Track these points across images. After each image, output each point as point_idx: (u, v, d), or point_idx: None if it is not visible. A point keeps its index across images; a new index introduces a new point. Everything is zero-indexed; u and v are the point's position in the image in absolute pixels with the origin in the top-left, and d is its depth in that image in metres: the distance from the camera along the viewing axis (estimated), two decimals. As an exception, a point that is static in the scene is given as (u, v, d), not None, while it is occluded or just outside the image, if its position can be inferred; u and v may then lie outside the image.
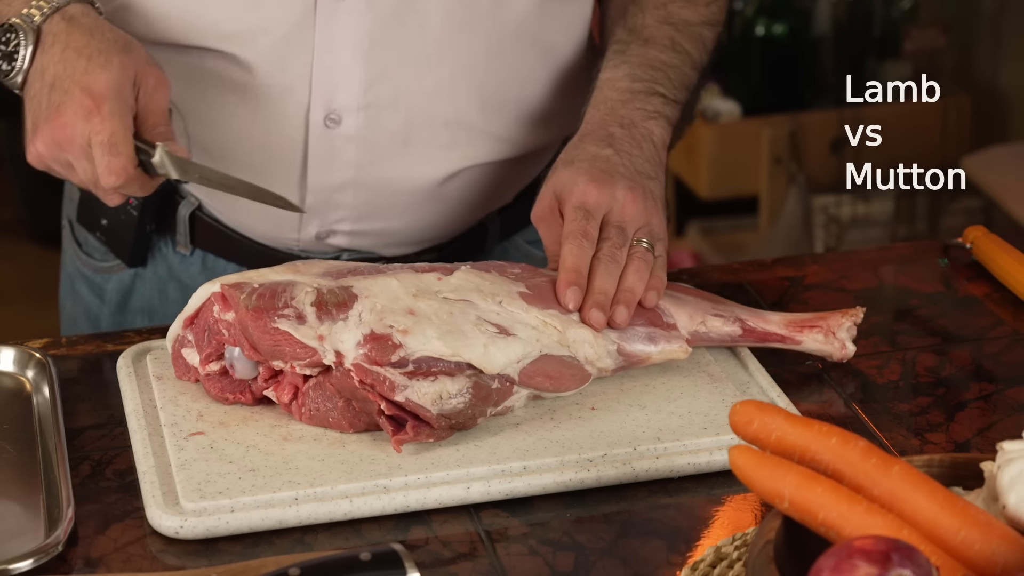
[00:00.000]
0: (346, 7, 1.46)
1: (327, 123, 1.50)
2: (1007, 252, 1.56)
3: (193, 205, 1.60)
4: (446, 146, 1.54)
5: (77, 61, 1.35)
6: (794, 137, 3.39)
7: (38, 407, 1.34)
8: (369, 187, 1.54)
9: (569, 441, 1.28)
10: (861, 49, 3.47)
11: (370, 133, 1.51)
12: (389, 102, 1.50)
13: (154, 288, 1.65)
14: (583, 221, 1.38)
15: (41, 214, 3.92)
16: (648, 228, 1.40)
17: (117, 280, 1.67)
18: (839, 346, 1.40)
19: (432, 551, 1.19)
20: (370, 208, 1.55)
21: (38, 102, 1.36)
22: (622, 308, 1.35)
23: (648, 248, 1.38)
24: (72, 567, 1.17)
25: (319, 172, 1.53)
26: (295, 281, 1.30)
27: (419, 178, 1.55)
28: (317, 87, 1.49)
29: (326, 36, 1.47)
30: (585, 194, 1.39)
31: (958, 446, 1.31)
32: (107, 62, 1.34)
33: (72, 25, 1.37)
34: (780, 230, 3.40)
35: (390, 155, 1.53)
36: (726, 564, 1.15)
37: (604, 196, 1.39)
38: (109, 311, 1.68)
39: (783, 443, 1.04)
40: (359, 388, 1.25)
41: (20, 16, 1.38)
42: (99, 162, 1.32)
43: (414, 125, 1.52)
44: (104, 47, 1.36)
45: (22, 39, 1.37)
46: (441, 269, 1.35)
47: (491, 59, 1.52)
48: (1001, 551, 0.99)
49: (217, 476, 1.23)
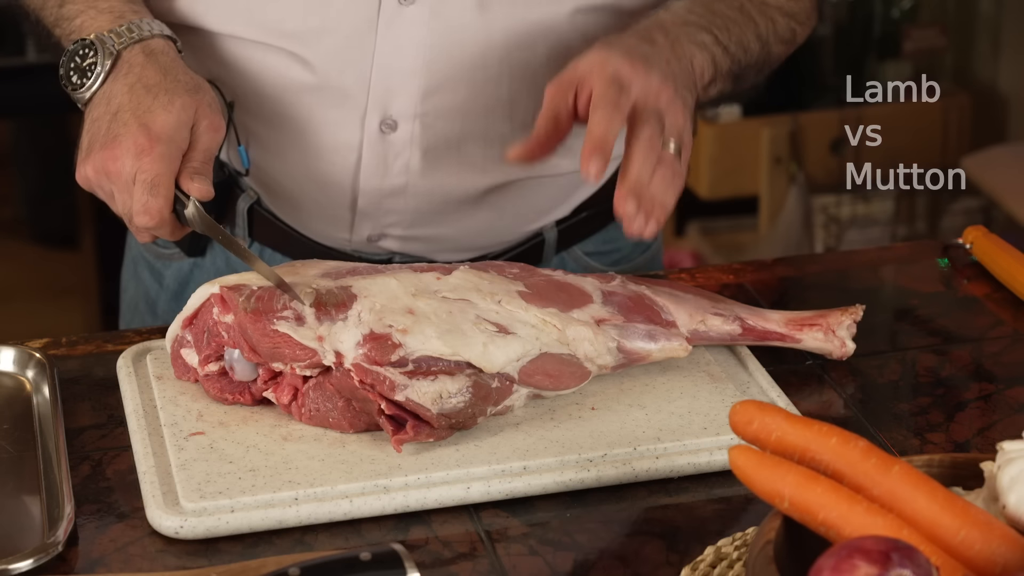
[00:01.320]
0: (410, 15, 1.47)
1: (382, 128, 1.51)
2: (1007, 252, 1.56)
3: (252, 199, 1.62)
4: (500, 158, 1.53)
5: (144, 97, 1.37)
6: (794, 137, 3.39)
7: (38, 407, 1.34)
8: (421, 194, 1.54)
9: (569, 441, 1.28)
10: (861, 49, 3.47)
11: (425, 141, 1.51)
12: (446, 112, 1.51)
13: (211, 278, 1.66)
14: (617, 93, 1.29)
15: (41, 214, 3.92)
16: (678, 128, 1.32)
17: (176, 268, 1.69)
18: (839, 344, 1.40)
19: (432, 551, 1.19)
20: (422, 214, 1.55)
21: (98, 127, 1.38)
22: (653, 222, 1.27)
23: (676, 154, 1.30)
24: (72, 567, 1.17)
25: (371, 176, 1.53)
26: (294, 282, 1.31)
27: (472, 187, 1.55)
28: (375, 92, 1.49)
29: (388, 42, 1.47)
30: (620, 68, 1.31)
31: (958, 446, 1.31)
32: (170, 103, 1.36)
33: (150, 60, 1.40)
34: (780, 230, 3.40)
35: (443, 164, 1.53)
36: (726, 564, 1.15)
37: (639, 76, 1.32)
38: (167, 297, 1.70)
39: (783, 443, 1.04)
40: (359, 388, 1.25)
41: (100, 36, 1.41)
42: (137, 200, 1.34)
43: (469, 136, 1.52)
44: (172, 87, 1.38)
45: (99, 59, 1.40)
46: (440, 268, 1.36)
47: (551, 73, 1.51)
48: (1001, 551, 0.99)
49: (217, 476, 1.23)
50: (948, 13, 3.56)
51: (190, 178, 1.36)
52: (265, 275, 1.31)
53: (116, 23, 1.42)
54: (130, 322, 1.75)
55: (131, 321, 1.75)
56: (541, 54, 1.50)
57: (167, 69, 1.40)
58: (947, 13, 3.56)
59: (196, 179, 1.35)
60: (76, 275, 3.63)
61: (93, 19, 1.43)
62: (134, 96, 1.38)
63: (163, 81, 1.38)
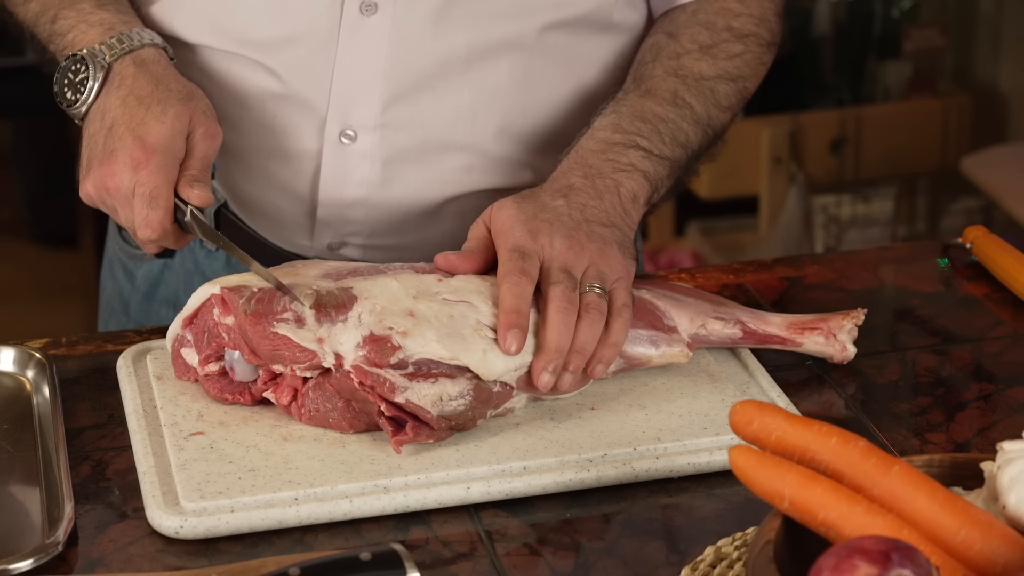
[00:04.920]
0: (371, 25, 1.47)
1: (342, 139, 1.51)
2: (1007, 252, 1.56)
3: (219, 202, 1.62)
4: (461, 169, 1.53)
5: (137, 109, 1.38)
6: (794, 137, 3.39)
7: (38, 407, 1.34)
8: (381, 205, 1.54)
9: (569, 441, 1.28)
10: (861, 49, 3.47)
11: (385, 152, 1.51)
12: (406, 123, 1.50)
13: (180, 280, 1.67)
14: (519, 261, 1.30)
15: (41, 214, 3.92)
16: (596, 268, 1.32)
17: (148, 268, 1.69)
18: (840, 348, 1.40)
19: (432, 551, 1.19)
20: (382, 225, 1.55)
21: (95, 143, 1.39)
22: (567, 375, 1.28)
23: (601, 293, 1.30)
24: (72, 567, 1.17)
25: (331, 187, 1.53)
26: (294, 283, 1.30)
27: (432, 198, 1.55)
28: (335, 102, 1.49)
29: (348, 53, 1.47)
30: (519, 240, 1.32)
31: (958, 446, 1.31)
32: (163, 113, 1.37)
33: (140, 70, 1.41)
34: (780, 230, 3.40)
35: (403, 175, 1.53)
36: (726, 564, 1.15)
37: (541, 244, 1.32)
38: (138, 298, 1.70)
39: (783, 443, 1.04)
40: (359, 390, 1.25)
41: (92, 49, 1.41)
42: (138, 213, 1.35)
43: (430, 148, 1.52)
44: (165, 97, 1.39)
45: (91, 73, 1.40)
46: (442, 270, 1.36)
47: (513, 88, 1.51)
48: (1001, 551, 0.99)
49: (217, 476, 1.23)
50: (948, 13, 3.56)
51: (189, 186, 1.36)
52: (264, 277, 1.31)
53: (106, 35, 1.43)
54: (106, 322, 1.75)
55: (107, 321, 1.75)
56: (503, 66, 1.50)
57: (159, 79, 1.40)
58: (947, 13, 3.56)
59: (195, 186, 1.36)
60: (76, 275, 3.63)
61: (84, 33, 1.44)
62: (127, 109, 1.38)
63: (155, 91, 1.39)
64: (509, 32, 1.49)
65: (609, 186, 1.39)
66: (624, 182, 1.40)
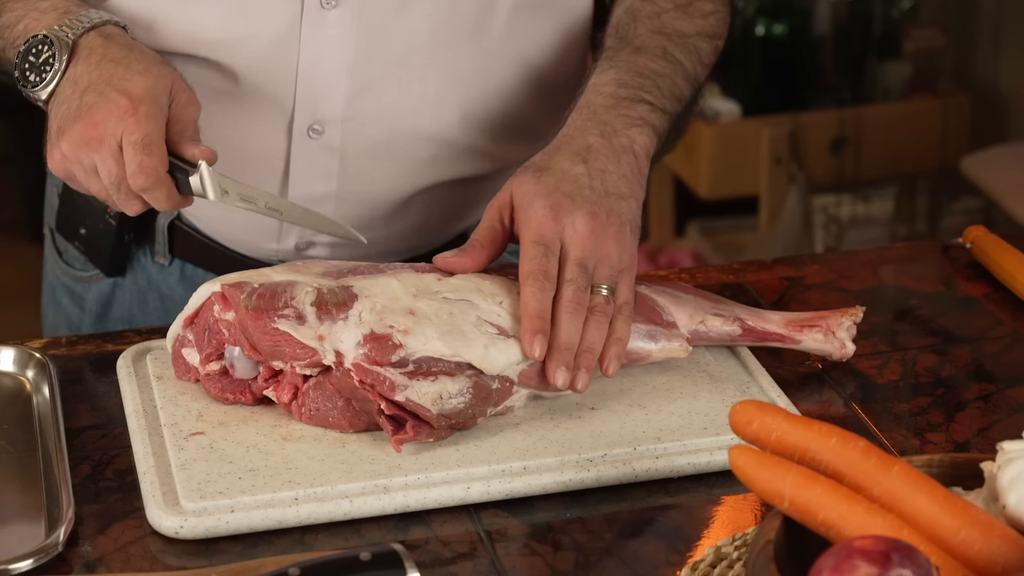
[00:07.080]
0: (332, 19, 1.46)
1: (310, 134, 1.50)
2: (1007, 252, 1.56)
3: (172, 215, 1.59)
4: (428, 160, 1.53)
5: (115, 69, 1.33)
6: (794, 137, 3.39)
7: (38, 407, 1.34)
8: (349, 199, 1.53)
9: (569, 441, 1.28)
10: (861, 49, 3.47)
11: (352, 145, 1.51)
12: (372, 115, 1.50)
13: (134, 298, 1.64)
14: (542, 259, 1.31)
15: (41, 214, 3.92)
16: (608, 262, 1.32)
17: (97, 290, 1.66)
18: (839, 345, 1.40)
19: (432, 551, 1.19)
20: (350, 220, 1.53)
21: (68, 106, 1.33)
22: (583, 373, 1.29)
23: (608, 295, 1.31)
24: (72, 567, 1.17)
25: (300, 183, 1.52)
26: (295, 281, 1.31)
27: (400, 191, 1.54)
28: (301, 97, 1.49)
29: (311, 46, 1.47)
30: (542, 226, 1.32)
31: (958, 446, 1.31)
32: (145, 70, 1.33)
33: (109, 41, 1.36)
34: (780, 230, 3.40)
35: (371, 167, 1.52)
36: (726, 564, 1.15)
37: (561, 227, 1.32)
38: (90, 321, 1.67)
39: (783, 443, 1.04)
40: (359, 388, 1.25)
41: (52, 30, 1.36)
42: (130, 161, 1.29)
43: (396, 138, 1.51)
44: (142, 58, 1.34)
45: (56, 51, 1.35)
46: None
47: (476, 75, 1.51)
48: (1001, 551, 0.99)
49: (217, 476, 1.23)
50: (948, 13, 3.56)
51: (192, 143, 1.32)
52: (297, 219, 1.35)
53: (63, 18, 1.37)
54: None
55: None
56: (466, 54, 1.50)
57: (130, 46, 1.36)
58: (947, 13, 3.57)
59: (198, 144, 1.32)
60: (76, 275, 3.63)
61: (36, 20, 1.38)
62: (103, 70, 1.33)
63: (130, 54, 1.34)
64: (468, 16, 1.49)
65: (624, 145, 1.38)
66: (637, 138, 1.39)
